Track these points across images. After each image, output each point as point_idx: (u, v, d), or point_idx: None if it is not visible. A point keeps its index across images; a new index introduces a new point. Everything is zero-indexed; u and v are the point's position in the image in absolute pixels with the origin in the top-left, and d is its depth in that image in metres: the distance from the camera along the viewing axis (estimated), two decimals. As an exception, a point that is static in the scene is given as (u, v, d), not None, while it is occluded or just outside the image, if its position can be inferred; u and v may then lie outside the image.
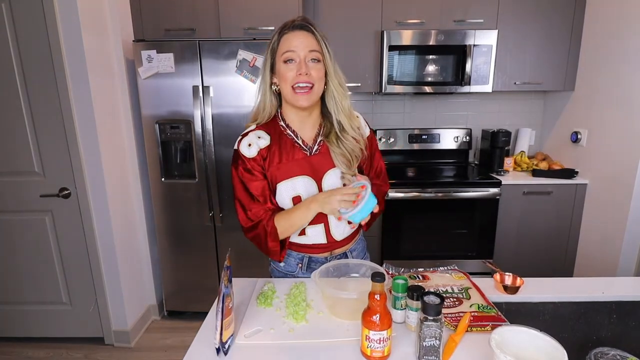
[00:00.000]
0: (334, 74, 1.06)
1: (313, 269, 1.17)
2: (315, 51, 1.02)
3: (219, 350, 0.83)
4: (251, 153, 1.07)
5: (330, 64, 1.05)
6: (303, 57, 1.01)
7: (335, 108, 1.08)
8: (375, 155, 1.22)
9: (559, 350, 0.69)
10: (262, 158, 1.08)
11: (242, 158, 1.08)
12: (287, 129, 1.11)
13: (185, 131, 2.16)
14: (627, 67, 2.11)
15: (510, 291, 1.06)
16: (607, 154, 2.25)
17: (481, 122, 2.89)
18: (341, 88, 1.08)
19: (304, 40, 1.01)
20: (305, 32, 1.02)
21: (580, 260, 2.47)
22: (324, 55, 1.04)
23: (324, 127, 1.13)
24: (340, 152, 1.08)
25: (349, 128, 1.09)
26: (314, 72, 1.02)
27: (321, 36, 1.04)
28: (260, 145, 1.08)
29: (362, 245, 1.27)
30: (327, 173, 1.10)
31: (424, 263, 2.45)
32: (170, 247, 2.32)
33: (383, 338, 0.79)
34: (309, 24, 1.03)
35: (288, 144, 1.10)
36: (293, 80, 1.02)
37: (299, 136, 1.11)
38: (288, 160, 1.08)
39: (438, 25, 2.40)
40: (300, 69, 1.01)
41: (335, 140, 1.09)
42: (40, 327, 2.21)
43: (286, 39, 1.02)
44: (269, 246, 1.09)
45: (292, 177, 1.08)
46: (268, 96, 1.10)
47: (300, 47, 1.01)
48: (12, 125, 1.90)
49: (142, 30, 2.16)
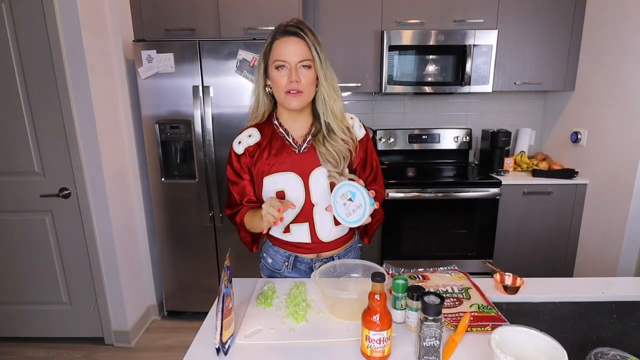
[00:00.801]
0: (325, 79, 1.08)
1: (299, 269, 1.20)
2: (306, 60, 1.04)
3: (219, 350, 0.83)
4: (239, 150, 1.14)
5: (321, 70, 1.06)
6: (294, 65, 1.04)
7: (324, 110, 1.11)
8: (369, 158, 1.21)
9: (559, 351, 0.68)
10: (250, 154, 1.14)
11: (232, 155, 1.17)
12: (279, 127, 1.15)
13: (185, 131, 2.16)
14: (627, 67, 2.11)
15: (510, 291, 1.06)
16: (607, 154, 2.25)
17: (481, 122, 2.89)
18: (333, 92, 1.10)
19: (294, 48, 1.03)
20: (297, 38, 1.04)
21: (580, 260, 2.47)
22: (315, 62, 1.05)
23: (314, 127, 1.15)
24: (325, 151, 1.10)
25: (337, 129, 1.11)
26: (304, 79, 1.05)
27: (312, 42, 1.04)
28: (248, 143, 1.14)
29: (353, 255, 1.26)
30: (314, 171, 1.12)
31: (424, 263, 2.44)
32: (170, 247, 2.32)
33: (383, 338, 0.79)
34: (301, 29, 1.04)
35: (278, 141, 1.14)
36: (285, 87, 1.05)
37: (289, 134, 1.14)
38: (276, 157, 1.12)
39: (438, 25, 2.40)
40: (292, 77, 1.03)
41: (322, 140, 1.11)
42: (40, 327, 2.21)
43: (278, 46, 1.04)
44: (240, 235, 1.22)
45: (278, 172, 1.11)
46: (261, 98, 1.14)
47: (290, 55, 1.03)
48: (12, 125, 1.90)
49: (142, 30, 2.16)
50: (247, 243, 1.23)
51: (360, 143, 1.17)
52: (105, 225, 2.05)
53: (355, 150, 1.15)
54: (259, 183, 1.14)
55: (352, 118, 1.18)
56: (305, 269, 1.19)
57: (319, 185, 1.12)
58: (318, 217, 1.14)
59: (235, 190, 1.18)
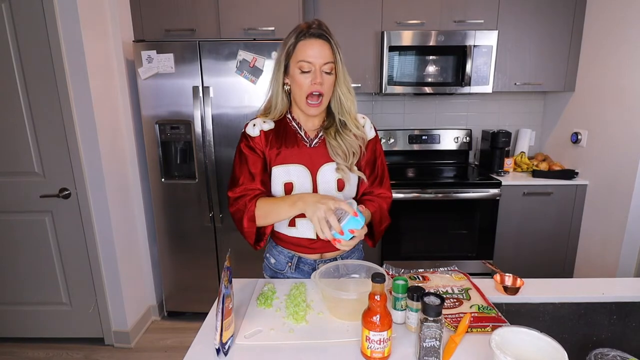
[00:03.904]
0: (343, 80, 1.10)
1: (302, 270, 1.20)
2: (330, 62, 1.05)
3: (219, 351, 0.82)
4: (255, 132, 1.12)
5: (341, 71, 1.09)
6: (319, 67, 1.05)
7: (339, 109, 1.12)
8: (378, 160, 1.21)
9: (559, 351, 0.68)
10: (265, 139, 1.12)
11: (246, 136, 1.13)
12: (292, 121, 1.16)
13: (185, 132, 2.16)
14: (627, 67, 2.11)
15: (510, 292, 1.06)
16: (607, 154, 2.25)
17: (481, 123, 2.89)
18: (349, 94, 1.12)
19: (320, 50, 1.04)
20: (322, 41, 1.05)
21: (580, 261, 2.47)
22: (337, 63, 1.07)
23: (326, 121, 1.16)
24: (336, 144, 1.11)
25: (351, 125, 1.13)
26: (326, 84, 1.06)
27: (335, 45, 1.06)
28: (263, 128, 1.13)
29: (357, 255, 1.26)
30: (323, 166, 1.12)
31: (424, 264, 2.45)
32: (170, 248, 2.32)
33: (383, 339, 0.79)
34: (325, 32, 1.05)
35: (291, 134, 1.14)
36: (308, 89, 1.06)
37: (302, 128, 1.15)
38: (287, 148, 1.12)
39: (438, 25, 2.41)
40: (316, 79, 1.04)
41: (334, 133, 1.12)
42: (40, 327, 2.21)
43: (303, 46, 1.04)
44: (244, 225, 1.09)
45: (288, 164, 1.11)
46: (280, 95, 1.13)
47: (316, 57, 1.04)
48: (12, 125, 1.90)
49: (142, 31, 2.16)
50: (249, 234, 1.11)
51: (369, 143, 1.18)
52: (105, 225, 2.05)
53: (365, 148, 1.16)
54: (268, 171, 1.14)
55: (363, 118, 1.20)
56: (309, 270, 1.19)
57: (326, 181, 1.12)
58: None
59: (250, 161, 1.11)
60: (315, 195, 1.00)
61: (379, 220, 1.18)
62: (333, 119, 1.14)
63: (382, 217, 1.18)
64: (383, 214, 1.18)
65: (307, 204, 0.98)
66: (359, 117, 1.17)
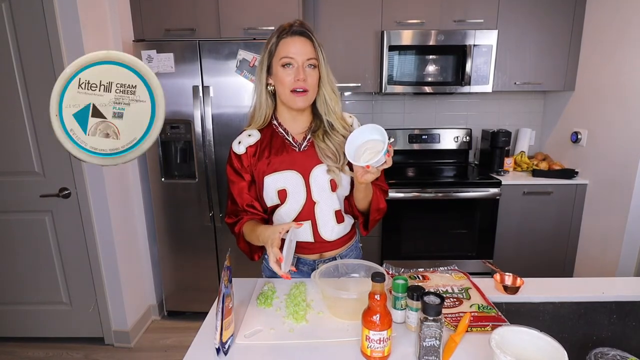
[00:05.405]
0: (327, 80, 1.10)
1: (301, 270, 1.20)
2: (312, 58, 1.05)
3: (219, 350, 0.83)
4: (240, 150, 1.14)
5: (324, 71, 1.09)
6: (301, 63, 1.04)
7: (326, 110, 1.12)
8: None
9: (559, 351, 0.68)
10: (251, 154, 1.13)
11: (232, 155, 1.15)
12: (279, 127, 1.15)
13: (185, 131, 2.16)
14: (627, 67, 2.11)
15: (510, 291, 1.06)
16: (607, 154, 2.25)
17: (481, 122, 2.89)
18: (333, 94, 1.12)
19: (302, 47, 1.04)
20: (304, 38, 1.05)
21: (580, 261, 2.47)
22: (319, 62, 1.07)
23: (314, 124, 1.16)
24: (325, 146, 1.11)
25: (338, 126, 1.13)
26: (310, 79, 1.06)
27: (318, 43, 1.07)
28: (249, 142, 1.13)
29: (356, 253, 1.26)
30: (314, 169, 1.12)
31: (424, 263, 2.44)
32: (170, 247, 2.32)
33: (383, 338, 0.79)
34: (307, 29, 1.06)
35: (278, 141, 1.14)
36: (291, 85, 1.05)
37: (289, 133, 1.14)
38: (277, 155, 1.12)
39: (438, 25, 2.40)
40: (299, 75, 1.04)
41: (322, 135, 1.12)
42: (40, 327, 2.21)
43: (285, 44, 1.05)
44: (239, 246, 1.19)
45: (279, 171, 1.11)
46: (264, 96, 1.13)
47: (298, 53, 1.04)
48: (12, 125, 1.90)
49: (142, 30, 2.16)
50: (245, 253, 1.19)
51: None
52: (105, 225, 2.05)
53: None
54: (259, 183, 1.14)
55: (350, 117, 1.20)
56: (308, 271, 1.19)
57: (319, 183, 1.12)
58: (320, 215, 1.14)
59: (235, 190, 1.16)
60: (268, 229, 1.01)
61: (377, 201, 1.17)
62: (320, 121, 1.14)
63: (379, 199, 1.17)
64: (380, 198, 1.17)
65: (263, 238, 1.01)
66: (346, 117, 1.18)
